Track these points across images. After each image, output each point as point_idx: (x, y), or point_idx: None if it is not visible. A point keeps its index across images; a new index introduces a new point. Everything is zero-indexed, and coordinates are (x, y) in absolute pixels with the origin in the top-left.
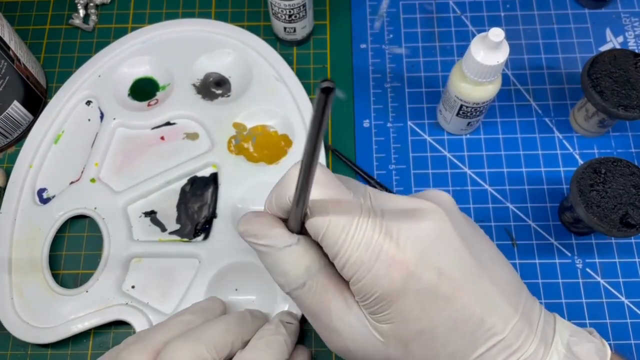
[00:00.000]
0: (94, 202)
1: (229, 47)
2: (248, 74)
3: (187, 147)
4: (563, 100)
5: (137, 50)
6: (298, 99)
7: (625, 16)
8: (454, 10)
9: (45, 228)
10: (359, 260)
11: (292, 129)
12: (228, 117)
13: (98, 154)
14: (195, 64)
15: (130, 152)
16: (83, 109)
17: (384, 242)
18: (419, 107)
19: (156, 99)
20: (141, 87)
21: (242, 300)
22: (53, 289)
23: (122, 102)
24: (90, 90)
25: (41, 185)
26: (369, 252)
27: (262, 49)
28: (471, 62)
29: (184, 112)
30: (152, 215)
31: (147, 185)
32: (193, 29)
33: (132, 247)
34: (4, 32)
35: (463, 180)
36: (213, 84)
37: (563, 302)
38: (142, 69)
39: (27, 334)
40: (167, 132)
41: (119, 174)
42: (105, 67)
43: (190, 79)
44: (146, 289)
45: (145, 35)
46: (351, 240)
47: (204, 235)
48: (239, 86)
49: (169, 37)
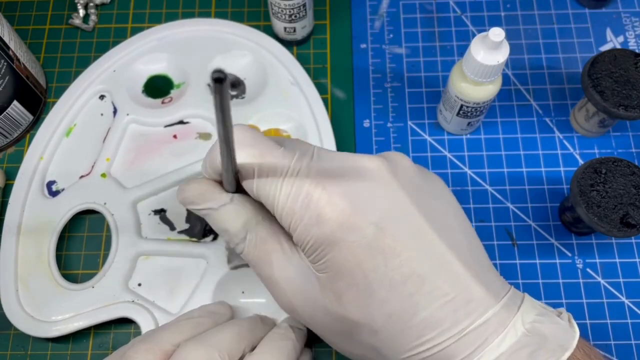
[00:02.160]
0: (103, 197)
1: (245, 49)
2: (263, 77)
3: (200, 147)
4: (563, 100)
5: (153, 47)
6: (313, 104)
7: (625, 16)
8: (454, 10)
9: (54, 221)
10: (290, 210)
11: (305, 133)
12: (242, 119)
13: (110, 149)
14: (210, 64)
15: (142, 149)
16: (96, 103)
17: (314, 192)
18: (419, 107)
19: (170, 97)
20: (156, 84)
21: (249, 303)
22: (59, 283)
23: (136, 98)
24: (104, 84)
25: (51, 178)
26: (299, 202)
27: (279, 52)
28: (471, 62)
29: (198, 112)
30: (161, 214)
31: (158, 183)
32: (209, 29)
33: (140, 245)
34: (4, 31)
35: (463, 180)
36: (228, 85)
37: (563, 302)
38: (157, 66)
39: (30, 327)
40: (180, 131)
41: (130, 170)
42: (120, 62)
43: (206, 78)
44: (153, 287)
45: (162, 32)
46: (280, 193)
47: (212, 236)
48: (254, 88)
49: (185, 35)
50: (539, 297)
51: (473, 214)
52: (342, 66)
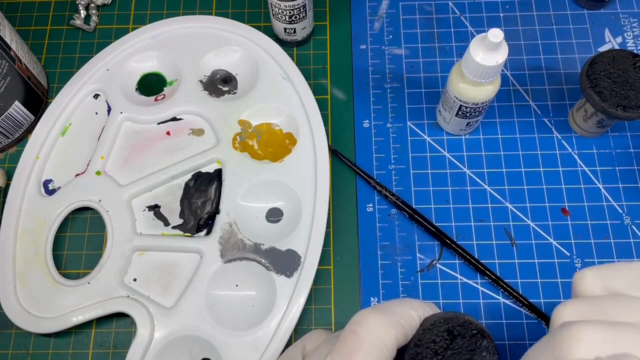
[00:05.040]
0: (99, 195)
1: (237, 45)
2: (255, 72)
3: (193, 142)
4: (562, 101)
5: (145, 45)
6: (304, 98)
7: (624, 17)
8: (454, 11)
9: (50, 219)
10: None
11: (296, 127)
12: (234, 114)
13: (104, 147)
14: (202, 61)
15: (136, 146)
16: (91, 102)
17: None
18: (419, 108)
19: (163, 94)
20: (149, 82)
21: (242, 296)
22: (56, 280)
23: (130, 96)
24: (98, 83)
25: (47, 177)
26: None
27: (270, 47)
28: (470, 63)
29: (191, 108)
30: (155, 209)
31: (152, 179)
32: (201, 26)
33: (135, 240)
34: (5, 32)
35: (462, 180)
36: (220, 81)
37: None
38: (150, 64)
39: (29, 323)
40: (173, 128)
41: (125, 167)
42: (113, 61)
43: (198, 75)
44: (148, 282)
45: (154, 30)
46: None
47: (206, 230)
48: (246, 83)
49: (177, 33)
50: (537, 297)
51: (472, 214)
52: (342, 67)
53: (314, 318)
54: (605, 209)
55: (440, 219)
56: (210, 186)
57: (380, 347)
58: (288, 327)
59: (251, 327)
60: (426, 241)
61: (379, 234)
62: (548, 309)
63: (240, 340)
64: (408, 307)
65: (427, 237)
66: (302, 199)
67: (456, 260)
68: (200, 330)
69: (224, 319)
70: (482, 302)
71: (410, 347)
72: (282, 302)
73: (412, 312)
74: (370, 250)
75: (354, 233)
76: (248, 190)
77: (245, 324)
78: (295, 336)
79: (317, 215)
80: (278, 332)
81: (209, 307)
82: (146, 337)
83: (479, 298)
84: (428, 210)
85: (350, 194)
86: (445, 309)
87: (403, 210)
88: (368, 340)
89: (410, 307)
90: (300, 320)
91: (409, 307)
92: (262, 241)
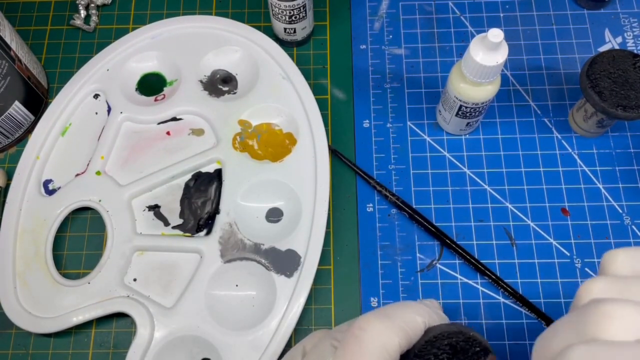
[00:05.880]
0: (99, 195)
1: (237, 45)
2: (255, 72)
3: (193, 142)
4: (562, 101)
5: (145, 45)
6: (304, 98)
7: (624, 17)
8: (454, 11)
9: (50, 219)
10: None
11: (296, 127)
12: (234, 114)
13: (104, 147)
14: (202, 61)
15: (136, 146)
16: (91, 102)
17: None
18: (419, 108)
19: (163, 94)
20: (149, 82)
21: (242, 296)
22: (56, 280)
23: (130, 96)
24: (98, 83)
25: (47, 177)
26: None
27: (270, 47)
28: (470, 63)
29: (191, 108)
30: (155, 209)
31: (151, 179)
32: (201, 26)
33: (135, 240)
34: (5, 32)
35: (462, 180)
36: (220, 81)
37: (562, 302)
38: (150, 64)
39: (29, 323)
40: (173, 128)
41: (125, 167)
42: (113, 61)
43: (198, 75)
44: (148, 282)
45: (154, 30)
46: None
47: (206, 230)
48: (246, 83)
49: (177, 33)
50: (537, 297)
51: (472, 214)
52: (342, 67)
53: (314, 318)
54: (605, 209)
55: (440, 219)
56: (210, 186)
57: (383, 353)
58: (288, 327)
59: (251, 327)
60: (426, 241)
61: (379, 234)
62: (548, 309)
63: (240, 340)
64: (413, 312)
65: (427, 237)
66: (302, 199)
67: (456, 260)
68: (200, 330)
69: (224, 319)
70: (482, 302)
71: (411, 357)
72: (282, 302)
73: (418, 318)
74: (370, 250)
75: (354, 233)
76: (248, 190)
77: (245, 324)
78: (295, 336)
79: (317, 215)
80: (278, 332)
81: (209, 307)
82: (146, 337)
83: (479, 298)
84: (428, 210)
85: (350, 194)
86: (445, 309)
87: (403, 210)
88: (371, 346)
89: (416, 313)
90: (300, 320)
91: (414, 312)
92: (262, 241)
